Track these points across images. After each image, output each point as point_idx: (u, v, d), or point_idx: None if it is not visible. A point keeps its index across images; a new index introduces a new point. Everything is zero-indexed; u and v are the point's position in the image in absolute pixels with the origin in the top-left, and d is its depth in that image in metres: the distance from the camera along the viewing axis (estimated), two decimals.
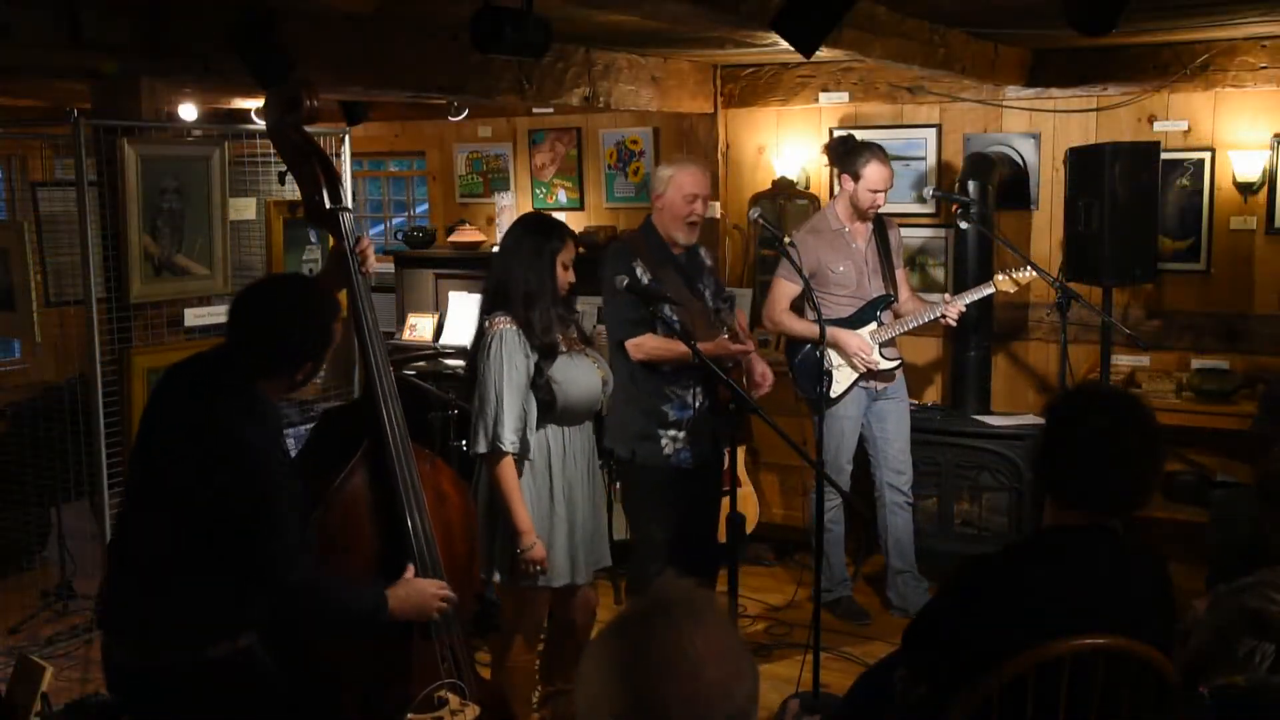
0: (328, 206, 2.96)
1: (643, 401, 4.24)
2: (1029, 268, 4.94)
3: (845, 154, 4.92)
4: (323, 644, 2.86)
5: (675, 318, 3.98)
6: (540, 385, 3.52)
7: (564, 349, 3.58)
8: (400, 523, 2.90)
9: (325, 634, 2.83)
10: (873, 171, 4.82)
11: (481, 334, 3.58)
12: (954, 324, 5.00)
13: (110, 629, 2.73)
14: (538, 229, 3.65)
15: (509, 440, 3.46)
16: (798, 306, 5.02)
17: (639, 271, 4.17)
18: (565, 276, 3.62)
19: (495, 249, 3.76)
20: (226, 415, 2.59)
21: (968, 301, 5.00)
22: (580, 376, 3.60)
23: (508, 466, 3.48)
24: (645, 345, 4.19)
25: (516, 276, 3.54)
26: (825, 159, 5.37)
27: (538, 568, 3.52)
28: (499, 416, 3.45)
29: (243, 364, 2.67)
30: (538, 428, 3.57)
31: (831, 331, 4.78)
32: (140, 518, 2.68)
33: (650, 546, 4.25)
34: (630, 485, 4.37)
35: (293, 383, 2.74)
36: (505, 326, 3.50)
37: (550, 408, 3.55)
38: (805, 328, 4.95)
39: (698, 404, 4.25)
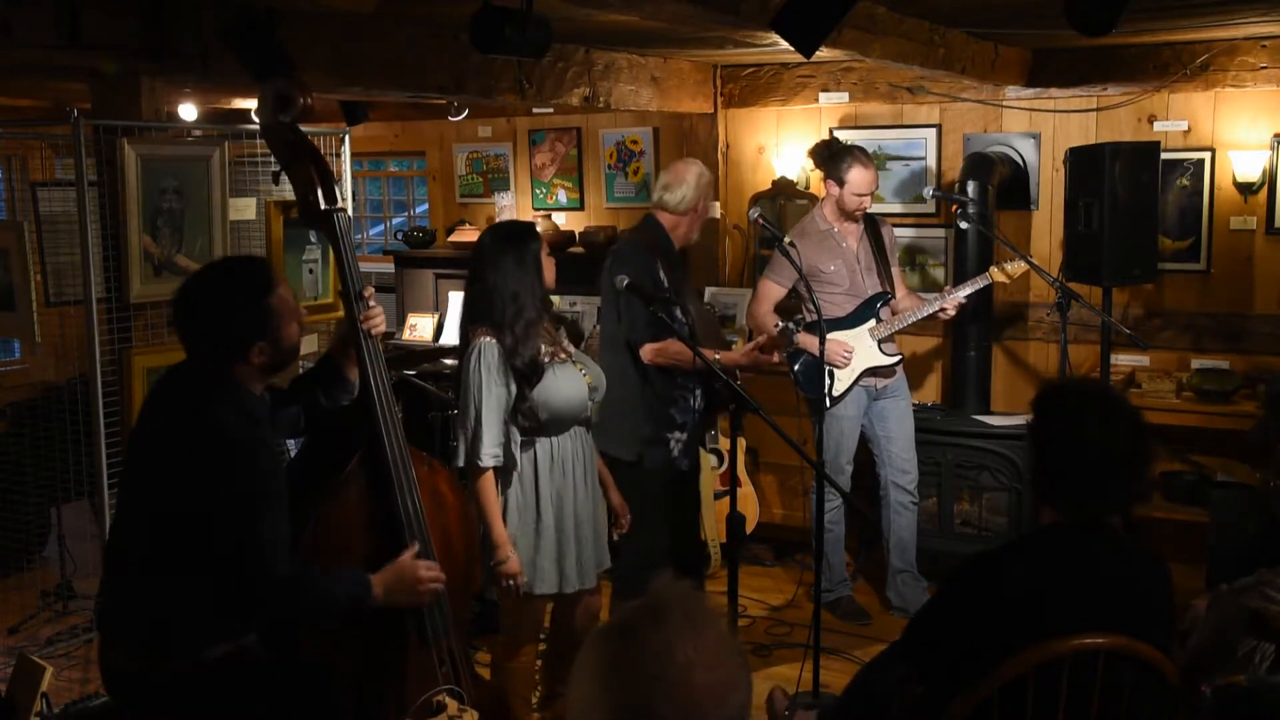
0: (322, 207, 2.93)
1: (652, 406, 4.20)
2: (1019, 259, 4.96)
3: (829, 159, 4.95)
4: (320, 647, 2.85)
5: (683, 319, 3.97)
6: (523, 410, 3.47)
7: (548, 360, 3.52)
8: (398, 528, 2.89)
9: (314, 625, 2.82)
10: (856, 176, 4.84)
11: (465, 343, 3.53)
12: (951, 315, 5.01)
13: (108, 632, 2.73)
14: (511, 235, 3.55)
15: (487, 456, 3.42)
16: (784, 309, 5.01)
17: (661, 274, 4.16)
18: (549, 266, 3.58)
19: (470, 260, 3.62)
20: (201, 404, 2.60)
21: (965, 294, 5.01)
22: (566, 386, 3.54)
23: (486, 481, 3.45)
24: (666, 350, 4.15)
25: (501, 291, 3.45)
26: (811, 163, 5.38)
27: (511, 582, 3.48)
28: (477, 432, 3.42)
29: (201, 358, 2.67)
30: (527, 444, 3.53)
31: (806, 341, 4.79)
32: (134, 521, 2.69)
33: (648, 551, 4.23)
34: (634, 490, 4.32)
35: (251, 365, 2.67)
36: (486, 339, 3.45)
37: (535, 433, 3.52)
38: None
39: (697, 405, 4.26)
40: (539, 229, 3.75)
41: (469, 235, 6.97)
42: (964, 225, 5.35)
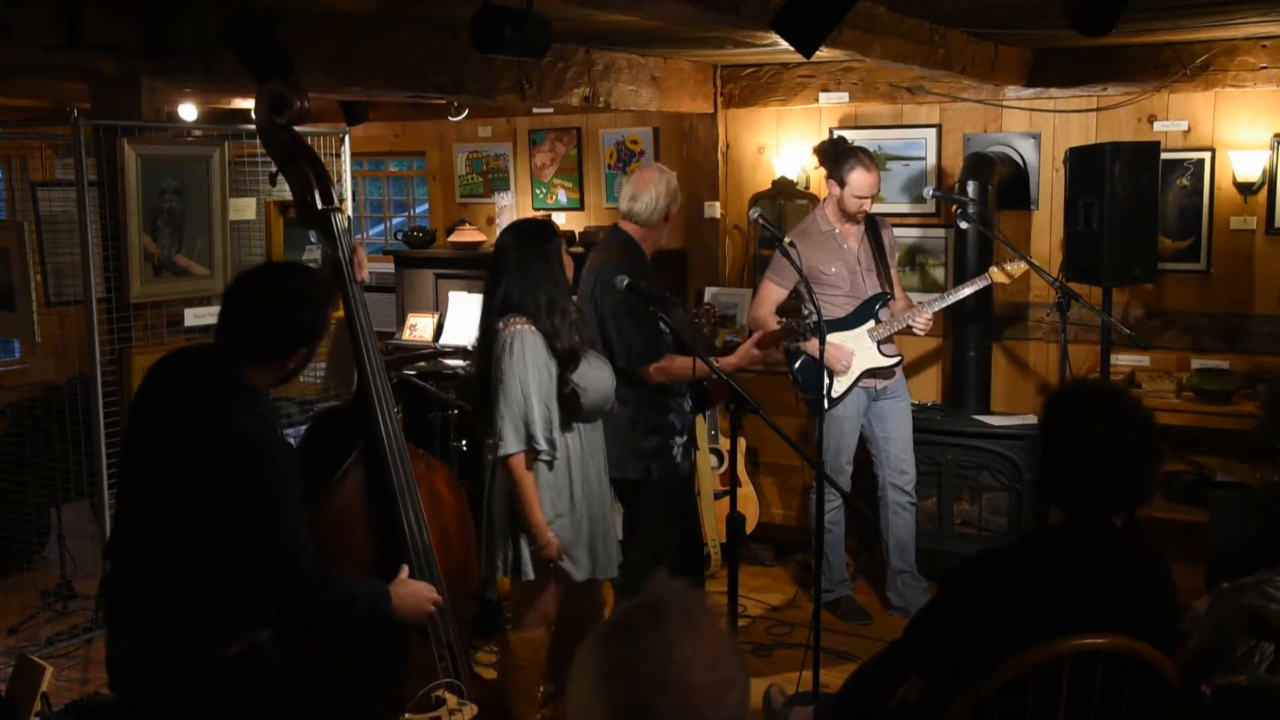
0: (319, 207, 2.95)
1: (652, 419, 4.18)
2: (1019, 259, 4.97)
3: (833, 158, 4.93)
4: (320, 642, 2.86)
5: (670, 324, 3.96)
6: (565, 395, 3.51)
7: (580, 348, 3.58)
8: (395, 525, 2.90)
9: (328, 626, 2.82)
10: (858, 178, 4.83)
11: (493, 336, 3.53)
12: (922, 332, 5.03)
13: (118, 629, 2.72)
14: (534, 233, 3.62)
15: (540, 438, 3.46)
16: (786, 309, 5.01)
17: (644, 286, 4.14)
18: (569, 264, 3.66)
19: (493, 260, 3.66)
20: (220, 406, 2.59)
21: (946, 304, 5.05)
22: (598, 374, 3.61)
23: (524, 463, 3.49)
24: (669, 367, 4.10)
25: (532, 289, 3.50)
26: (814, 160, 5.37)
27: (556, 560, 3.54)
28: (530, 416, 3.44)
29: (235, 351, 2.66)
30: (563, 430, 3.56)
31: (806, 345, 4.79)
32: (142, 517, 2.67)
33: (654, 554, 4.23)
34: (644, 502, 4.28)
35: (284, 370, 2.70)
36: (523, 327, 3.47)
37: (575, 414, 3.56)
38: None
39: (689, 406, 4.26)
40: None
41: (469, 235, 6.97)
42: (964, 225, 5.35)
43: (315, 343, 2.72)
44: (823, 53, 3.85)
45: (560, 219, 6.93)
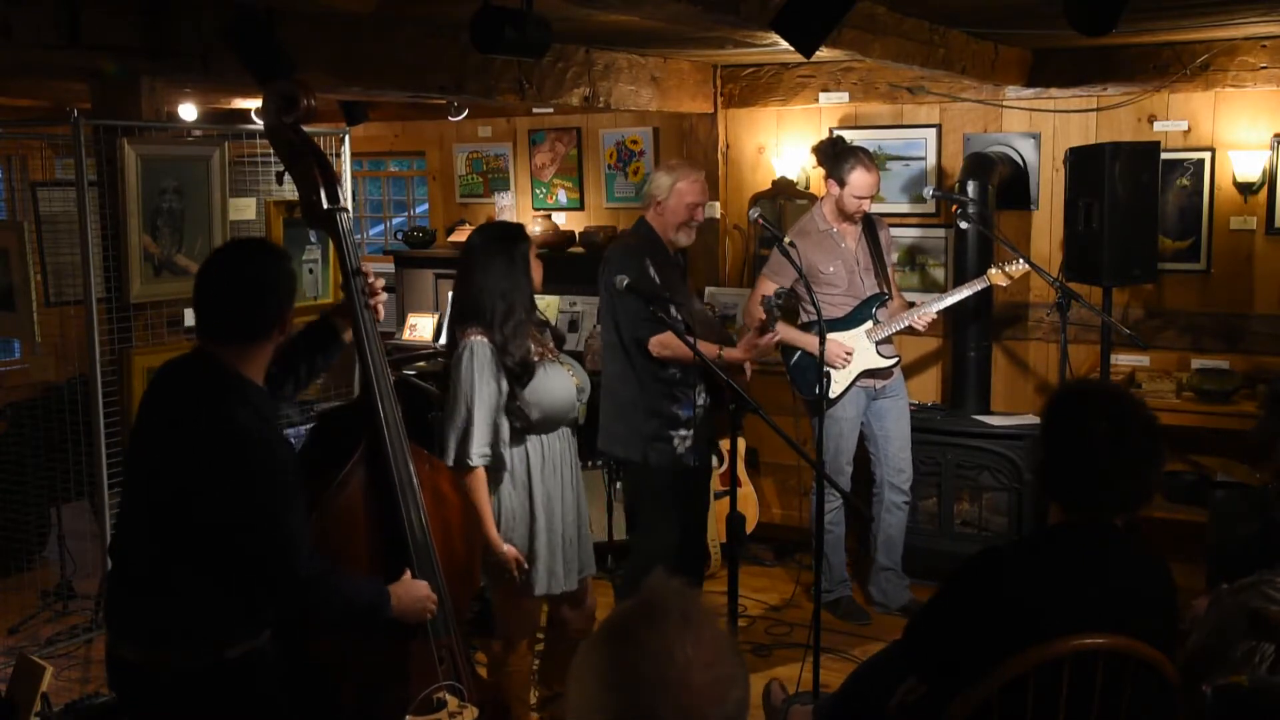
0: (325, 207, 2.95)
1: (653, 404, 4.21)
2: (1020, 260, 4.97)
3: (833, 158, 4.94)
4: (321, 644, 2.86)
5: (679, 317, 3.97)
6: (513, 410, 3.49)
7: (537, 359, 3.54)
8: (398, 525, 2.90)
9: (329, 627, 2.83)
10: (858, 178, 4.83)
11: (454, 344, 3.54)
12: (921, 331, 5.05)
13: (120, 630, 2.72)
14: (501, 236, 3.59)
15: (477, 455, 3.43)
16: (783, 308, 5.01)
17: (651, 271, 4.16)
18: (538, 268, 3.62)
19: (459, 260, 3.68)
20: (220, 405, 2.58)
21: (944, 305, 5.04)
22: (555, 385, 3.56)
23: (477, 478, 3.46)
24: (670, 343, 4.14)
25: (490, 291, 3.47)
26: (814, 160, 5.38)
27: (516, 570, 3.50)
28: (468, 431, 3.42)
29: (228, 343, 2.65)
30: (517, 443, 3.54)
31: (804, 339, 4.79)
32: (143, 517, 2.67)
33: (657, 548, 4.24)
34: (641, 489, 4.32)
35: (272, 344, 2.70)
36: (477, 338, 3.45)
37: (528, 428, 3.54)
38: (785, 331, 4.92)
39: (701, 402, 4.26)
40: (535, 229, 3.76)
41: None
42: (964, 225, 5.35)
43: (292, 300, 2.71)
44: (823, 53, 3.85)
45: (560, 219, 6.93)
